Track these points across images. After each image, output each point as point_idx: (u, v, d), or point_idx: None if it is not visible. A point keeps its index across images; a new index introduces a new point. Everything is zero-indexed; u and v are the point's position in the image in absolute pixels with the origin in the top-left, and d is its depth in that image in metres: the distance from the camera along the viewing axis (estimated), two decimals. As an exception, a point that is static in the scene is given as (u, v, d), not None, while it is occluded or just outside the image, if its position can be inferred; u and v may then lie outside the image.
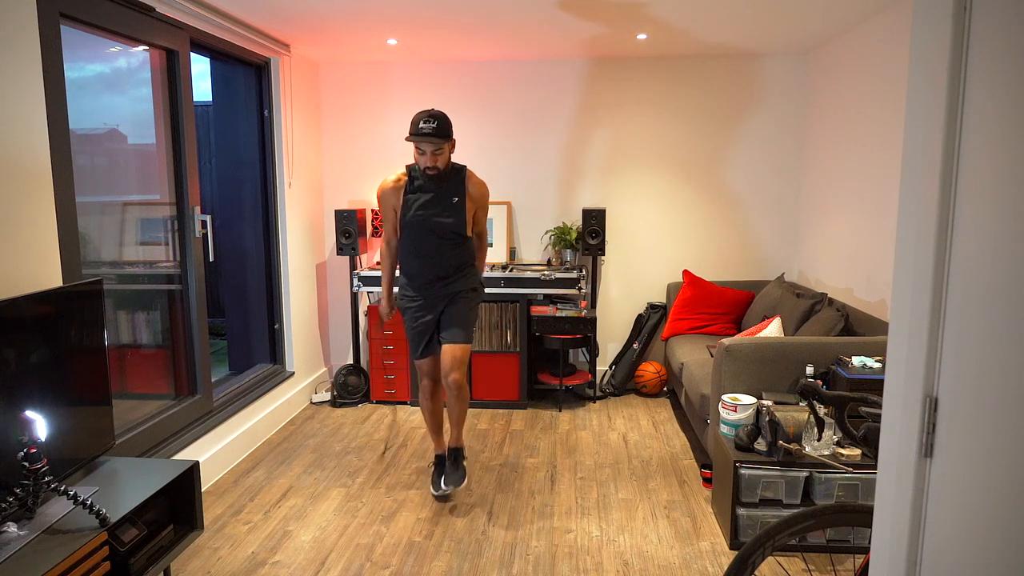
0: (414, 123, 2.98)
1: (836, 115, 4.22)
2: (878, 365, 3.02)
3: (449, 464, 3.39)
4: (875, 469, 1.30)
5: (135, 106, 3.30)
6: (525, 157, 4.98)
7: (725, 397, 3.08)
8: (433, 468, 3.47)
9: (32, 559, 1.89)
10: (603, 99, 4.87)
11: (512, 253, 5.03)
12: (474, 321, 3.32)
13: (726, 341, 3.25)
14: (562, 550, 2.92)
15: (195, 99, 3.54)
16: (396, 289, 3.44)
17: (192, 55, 3.48)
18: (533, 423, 4.42)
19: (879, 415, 1.54)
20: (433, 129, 2.94)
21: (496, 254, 4.98)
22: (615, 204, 4.98)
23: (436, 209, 3.13)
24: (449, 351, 3.22)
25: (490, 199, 4.99)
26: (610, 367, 5.06)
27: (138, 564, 2.24)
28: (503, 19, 3.70)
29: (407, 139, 3.01)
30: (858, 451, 2.83)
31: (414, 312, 3.30)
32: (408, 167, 3.21)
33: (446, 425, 3.56)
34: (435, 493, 3.35)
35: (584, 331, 4.57)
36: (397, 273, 3.39)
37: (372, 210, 4.96)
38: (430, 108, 3.00)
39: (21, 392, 2.07)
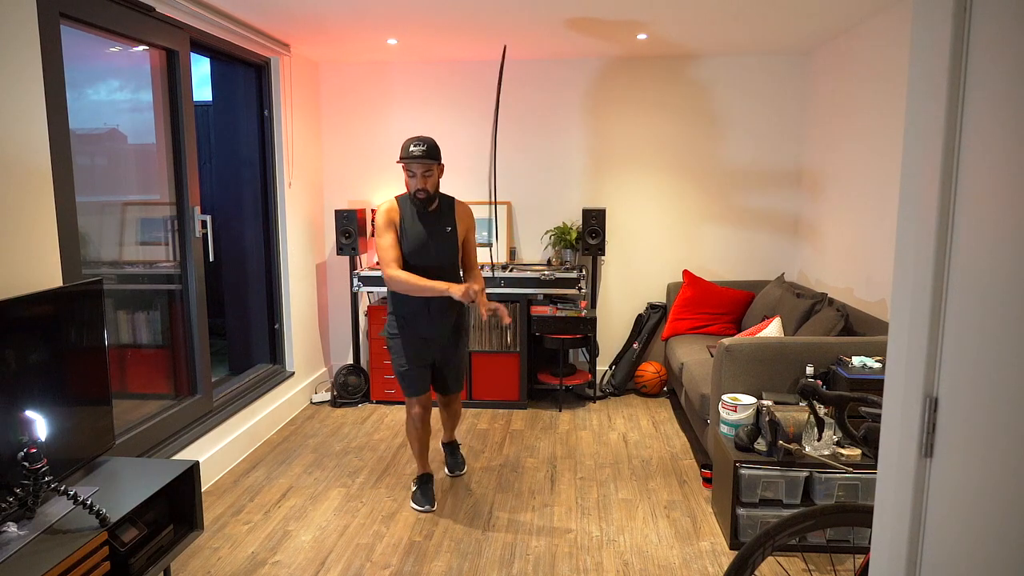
0: (404, 147, 3.06)
1: (836, 115, 4.22)
2: (878, 365, 3.02)
3: (450, 456, 3.68)
4: (875, 469, 1.31)
5: (135, 106, 3.30)
6: (525, 157, 4.98)
7: (725, 397, 3.08)
8: (415, 487, 3.34)
9: (32, 559, 1.89)
10: (603, 99, 4.87)
11: (512, 253, 5.03)
12: (467, 365, 3.46)
13: (726, 341, 3.25)
14: (562, 550, 2.92)
15: (195, 99, 3.54)
16: (390, 317, 3.26)
17: (192, 55, 3.48)
18: (533, 423, 4.42)
19: (879, 415, 1.54)
20: (423, 151, 3.03)
21: (496, 254, 4.98)
22: (615, 204, 4.98)
23: (432, 238, 3.15)
24: (445, 399, 3.48)
25: (490, 199, 5.01)
26: (610, 367, 5.06)
27: (138, 564, 2.24)
28: (503, 19, 3.70)
29: (398, 162, 3.10)
30: (858, 451, 2.83)
31: (406, 352, 3.20)
32: (398, 198, 3.19)
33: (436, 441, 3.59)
34: (419, 509, 3.25)
35: (584, 331, 4.57)
36: (389, 309, 3.28)
37: (372, 210, 4.96)
38: (419, 134, 3.14)
39: (21, 392, 2.07)
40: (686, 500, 3.35)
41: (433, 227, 3.16)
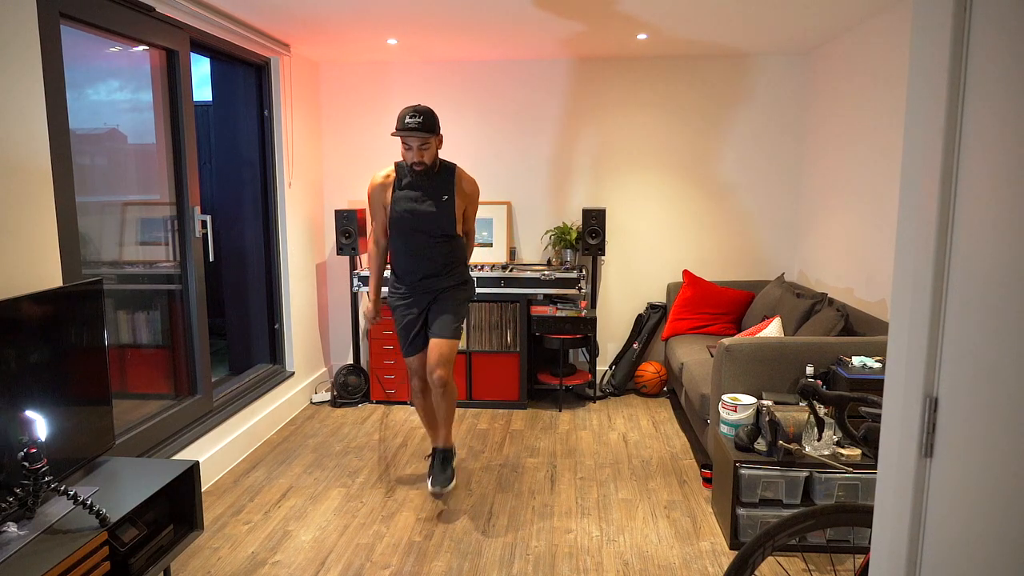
0: (400, 119, 2.98)
1: (836, 115, 4.22)
2: (878, 365, 3.02)
3: (437, 465, 3.36)
4: (875, 469, 1.31)
5: (135, 106, 3.30)
6: (525, 157, 4.98)
7: (725, 397, 3.08)
8: (430, 462, 3.42)
9: (32, 559, 1.89)
10: (603, 99, 4.87)
11: (512, 253, 5.03)
12: (463, 317, 3.26)
13: (726, 341, 3.25)
14: (562, 550, 2.92)
15: (195, 99, 3.54)
16: (385, 289, 3.41)
17: (192, 55, 3.48)
18: (533, 423, 4.42)
19: (879, 415, 1.54)
20: (419, 124, 2.94)
21: (496, 254, 4.98)
22: (615, 204, 4.98)
23: (425, 206, 3.09)
24: (435, 346, 3.18)
25: (491, 199, 5.01)
26: (610, 367, 5.06)
27: (138, 564, 2.24)
28: (503, 19, 3.70)
29: (393, 134, 3.02)
30: (858, 451, 2.83)
31: (403, 309, 3.27)
32: (397, 164, 3.19)
33: None
34: (431, 489, 3.30)
35: (584, 331, 4.57)
36: (387, 273, 3.36)
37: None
38: (416, 104, 3.04)
39: (21, 392, 2.07)
40: (686, 500, 3.35)
41: (429, 193, 3.10)
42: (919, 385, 1.16)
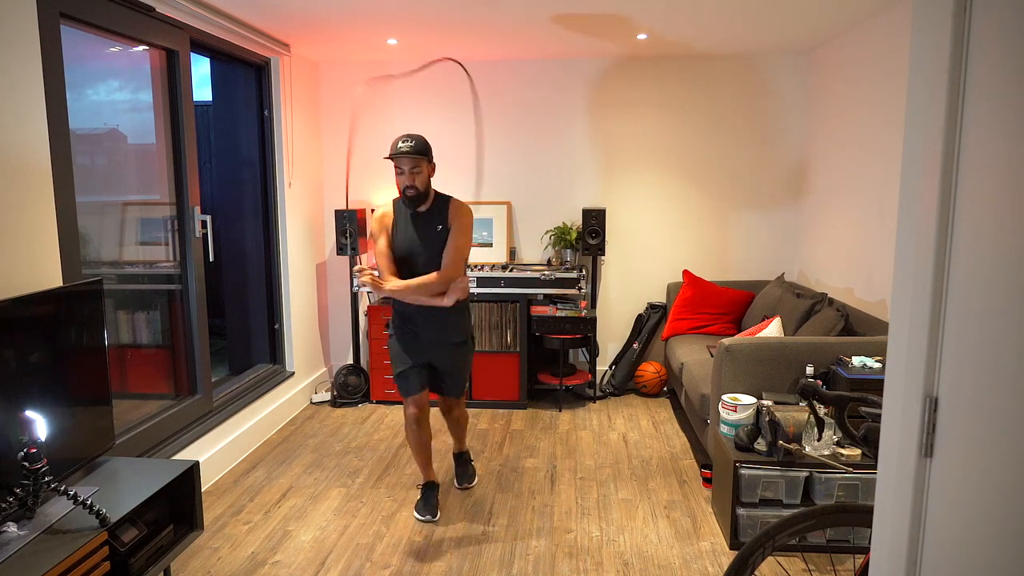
0: (393, 144, 3.02)
1: (836, 115, 4.22)
2: (878, 365, 3.02)
3: (459, 466, 3.54)
4: (875, 469, 1.31)
5: (135, 106, 3.30)
6: (525, 157, 4.98)
7: (725, 397, 3.08)
8: (420, 494, 3.28)
9: (32, 559, 1.89)
10: (603, 99, 4.87)
11: (512, 253, 5.03)
12: (469, 372, 3.34)
13: (726, 341, 3.25)
14: (562, 550, 2.92)
15: (195, 99, 3.54)
16: (388, 323, 3.32)
17: (192, 55, 3.48)
18: (533, 423, 4.42)
19: (879, 415, 1.54)
20: (410, 147, 2.98)
21: (496, 254, 4.98)
22: (615, 204, 4.98)
23: (422, 239, 3.09)
24: (450, 400, 3.33)
25: (491, 199, 5.01)
26: (610, 367, 5.06)
27: (138, 564, 2.24)
28: (502, 19, 3.70)
29: (385, 158, 3.04)
30: (858, 451, 2.83)
31: (401, 352, 3.16)
32: (394, 201, 3.16)
33: (449, 438, 3.48)
34: (419, 518, 3.18)
35: (584, 331, 4.57)
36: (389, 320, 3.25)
37: (372, 210, 4.96)
38: (409, 132, 3.06)
39: (21, 392, 2.07)
40: (686, 500, 3.35)
41: (424, 229, 3.10)
42: (919, 385, 1.16)
